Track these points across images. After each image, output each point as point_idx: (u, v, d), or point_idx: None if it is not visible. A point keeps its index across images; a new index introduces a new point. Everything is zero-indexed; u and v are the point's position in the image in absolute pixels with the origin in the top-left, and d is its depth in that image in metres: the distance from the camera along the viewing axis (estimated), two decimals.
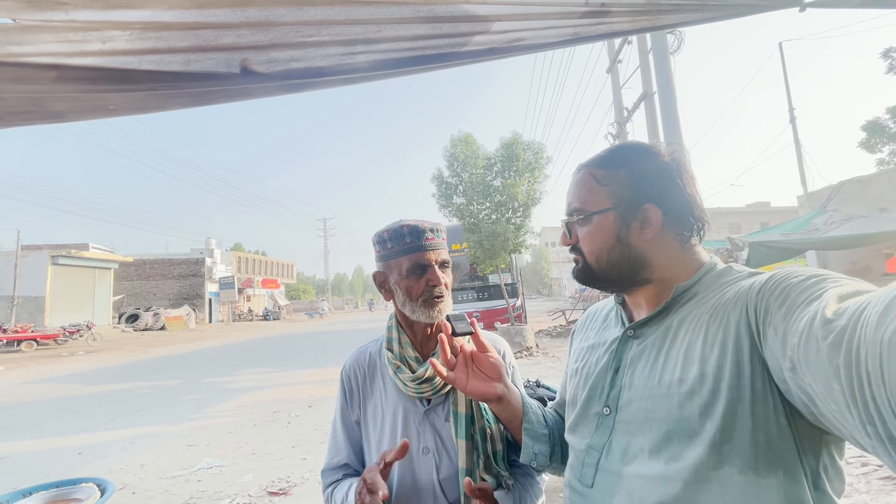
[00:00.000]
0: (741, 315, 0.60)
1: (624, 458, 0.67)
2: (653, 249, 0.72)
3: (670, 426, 0.61)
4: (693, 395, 0.60)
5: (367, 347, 1.10)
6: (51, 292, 21.93)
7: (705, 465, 0.57)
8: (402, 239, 0.97)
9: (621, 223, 0.72)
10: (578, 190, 0.77)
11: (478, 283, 12.86)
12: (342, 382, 1.07)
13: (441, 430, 0.96)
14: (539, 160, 11.03)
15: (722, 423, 0.57)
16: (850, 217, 8.59)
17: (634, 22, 1.05)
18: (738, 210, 27.17)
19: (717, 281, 0.68)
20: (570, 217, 0.78)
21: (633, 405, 0.68)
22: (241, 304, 38.48)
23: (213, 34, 0.85)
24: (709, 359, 0.60)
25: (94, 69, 0.87)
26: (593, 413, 0.74)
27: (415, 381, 0.95)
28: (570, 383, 0.85)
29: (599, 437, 0.72)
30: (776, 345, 0.53)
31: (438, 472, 0.93)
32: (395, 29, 0.91)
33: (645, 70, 8.00)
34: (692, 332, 0.64)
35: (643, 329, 0.72)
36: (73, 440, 5.37)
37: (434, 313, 0.96)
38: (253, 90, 1.04)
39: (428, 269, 0.96)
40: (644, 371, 0.68)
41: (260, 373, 10.02)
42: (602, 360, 0.77)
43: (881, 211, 9.75)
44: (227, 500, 3.51)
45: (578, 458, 0.75)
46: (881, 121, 15.04)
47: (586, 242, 0.75)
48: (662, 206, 0.71)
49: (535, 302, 44.28)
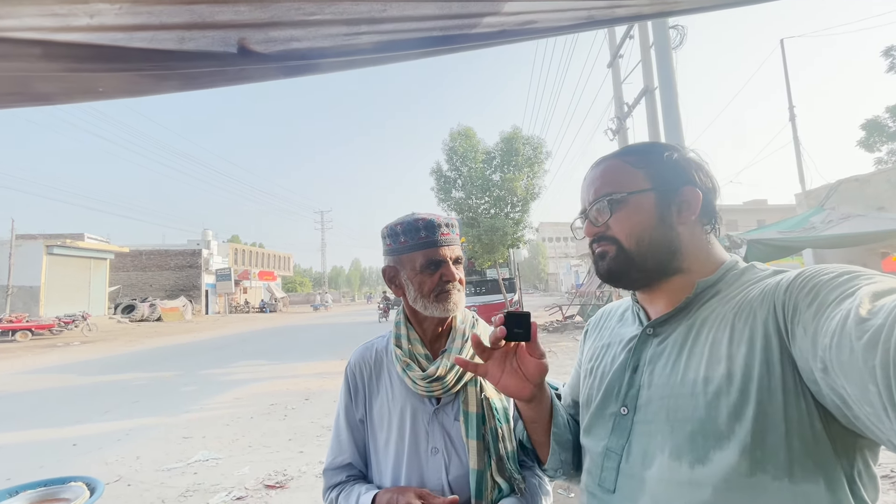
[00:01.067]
0: (769, 313, 0.57)
1: (644, 461, 0.63)
2: (688, 236, 0.69)
3: (694, 426, 0.59)
4: (720, 395, 0.57)
5: (373, 343, 1.06)
6: (46, 282, 21.77)
7: (736, 470, 0.54)
8: (417, 233, 0.93)
9: (661, 204, 0.69)
10: (608, 175, 0.73)
11: (475, 278, 12.85)
12: (346, 379, 1.03)
13: (450, 429, 0.93)
14: (538, 155, 10.99)
15: (753, 426, 0.54)
16: (848, 216, 8.58)
17: (651, 5, 1.01)
18: (736, 207, 27.20)
19: (741, 279, 0.66)
20: (600, 202, 0.72)
21: (653, 405, 0.65)
22: (237, 296, 38.42)
23: (208, 10, 0.80)
24: (736, 357, 0.57)
25: (82, 46, 0.82)
26: (609, 413, 0.71)
27: (424, 380, 0.91)
28: (584, 384, 0.81)
29: (617, 439, 0.68)
30: (806, 344, 0.51)
31: (448, 472, 0.90)
32: (402, 7, 0.86)
33: (646, 65, 7.93)
34: (717, 330, 0.61)
35: (663, 326, 0.69)
36: (67, 431, 5.33)
37: (449, 307, 0.93)
38: (251, 72, 0.99)
39: (443, 265, 0.94)
40: (665, 369, 0.65)
41: (257, 365, 9.99)
42: (619, 358, 0.73)
43: (879, 210, 9.75)
44: (224, 493, 3.49)
45: (596, 462, 0.71)
46: (881, 120, 15.03)
47: (624, 226, 0.70)
48: (701, 188, 0.69)
49: (531, 297, 44.37)
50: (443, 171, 11.37)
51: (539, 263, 64.44)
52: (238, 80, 1.02)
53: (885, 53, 14.49)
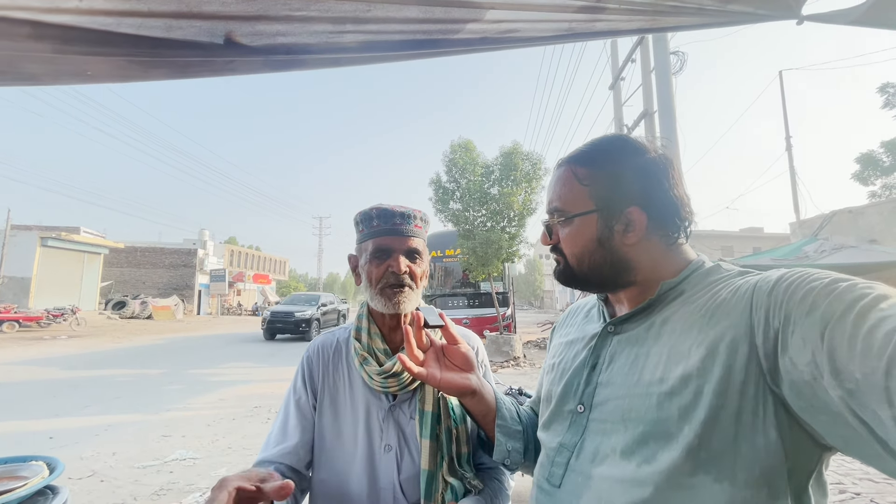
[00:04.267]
0: (742, 317, 0.55)
1: (595, 459, 0.64)
2: (637, 253, 0.69)
3: (647, 427, 0.58)
4: (673, 396, 0.57)
5: (335, 333, 1.04)
6: (37, 274, 21.58)
7: (679, 469, 0.54)
8: (371, 221, 0.93)
9: (604, 226, 0.69)
10: (559, 188, 0.73)
11: (469, 290, 12.83)
12: (302, 365, 1.00)
13: (405, 427, 0.92)
14: (537, 171, 11.07)
15: (701, 428, 0.54)
16: (841, 246, 8.68)
17: (630, 22, 1.04)
18: (732, 234, 27.41)
19: (706, 279, 0.65)
20: (551, 217, 0.75)
21: (609, 404, 0.65)
22: (230, 298, 38.15)
23: (195, 0, 0.82)
24: (695, 360, 0.57)
25: (70, 28, 0.84)
26: (567, 410, 0.71)
27: (381, 375, 0.90)
28: (546, 379, 0.82)
29: (571, 436, 0.69)
30: (805, 357, 0.48)
31: (399, 471, 0.89)
32: (386, 9, 0.89)
33: (647, 89, 8.07)
34: (679, 332, 0.61)
35: (624, 325, 0.69)
36: (44, 424, 5.25)
37: (391, 304, 0.91)
38: (237, 64, 1.01)
39: (391, 255, 0.91)
40: (623, 369, 0.65)
41: (245, 367, 9.89)
42: (580, 355, 0.74)
43: (871, 242, 9.85)
44: (198, 493, 3.43)
45: (549, 457, 0.72)
46: (875, 154, 15.28)
47: (567, 244, 0.72)
48: (647, 209, 0.67)
49: (525, 313, 44.27)
50: (442, 183, 11.43)
51: (535, 280, 64.41)
52: (225, 71, 1.04)
53: (880, 90, 14.79)
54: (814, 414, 0.49)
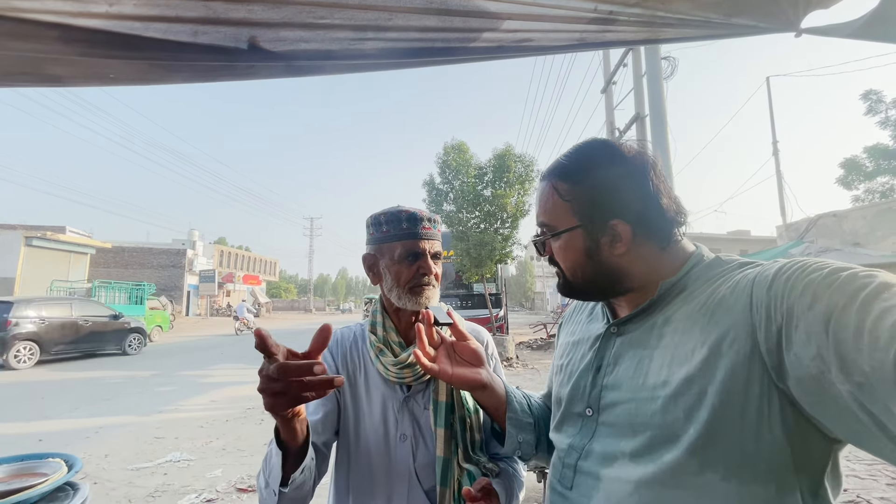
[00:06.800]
0: (743, 314, 0.55)
1: (604, 461, 0.64)
2: (628, 261, 0.68)
3: (654, 431, 0.59)
4: (678, 398, 0.57)
5: (351, 328, 1.08)
6: (21, 274, 21.16)
7: (685, 469, 0.55)
8: (399, 224, 0.96)
9: (590, 240, 0.69)
10: (543, 204, 0.74)
11: (462, 292, 12.86)
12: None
13: (420, 417, 0.95)
14: (529, 173, 11.16)
15: (706, 427, 0.54)
16: (826, 249, 8.89)
17: (638, 32, 1.08)
18: (720, 237, 27.82)
19: (707, 274, 0.64)
20: (540, 232, 0.76)
21: (616, 408, 0.65)
22: (219, 299, 37.74)
23: (223, 7, 0.84)
24: (698, 361, 0.56)
25: (98, 32, 0.85)
26: (577, 413, 0.72)
27: (396, 366, 0.93)
28: (556, 380, 0.84)
29: (581, 439, 0.69)
30: (810, 351, 0.47)
31: (415, 459, 0.92)
32: (407, 18, 0.92)
33: (638, 93, 8.18)
34: (681, 331, 0.61)
35: (627, 326, 0.69)
36: (34, 426, 5.18)
37: (421, 300, 0.95)
38: (259, 69, 1.03)
39: (421, 257, 0.96)
40: (628, 372, 0.65)
41: (236, 368, 9.81)
42: (586, 357, 0.75)
43: (854, 246, 10.11)
44: (194, 495, 3.41)
45: (560, 458, 0.73)
46: (859, 159, 15.66)
47: (560, 258, 0.73)
48: (631, 220, 0.67)
49: (517, 314, 44.44)
50: (435, 184, 11.47)
51: (526, 282, 64.69)
52: (246, 75, 1.07)
53: (864, 97, 15.17)
54: (822, 408, 0.48)
